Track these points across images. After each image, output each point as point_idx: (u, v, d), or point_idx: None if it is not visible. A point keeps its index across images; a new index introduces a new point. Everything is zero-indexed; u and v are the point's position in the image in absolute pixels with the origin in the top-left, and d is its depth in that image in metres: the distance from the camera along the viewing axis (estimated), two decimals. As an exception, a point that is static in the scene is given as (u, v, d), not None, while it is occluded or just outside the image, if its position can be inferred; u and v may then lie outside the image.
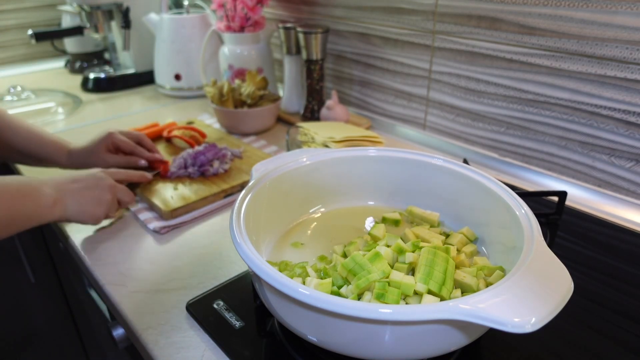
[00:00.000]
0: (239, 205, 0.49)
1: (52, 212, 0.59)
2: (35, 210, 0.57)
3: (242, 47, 1.09)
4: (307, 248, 0.56)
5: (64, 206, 0.60)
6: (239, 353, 0.47)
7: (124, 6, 1.28)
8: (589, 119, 0.73)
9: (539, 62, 0.76)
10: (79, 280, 0.89)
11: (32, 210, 0.57)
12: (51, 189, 0.60)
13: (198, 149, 0.83)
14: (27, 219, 0.56)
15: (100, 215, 0.64)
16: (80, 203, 0.62)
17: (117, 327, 0.60)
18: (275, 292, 0.41)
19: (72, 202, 0.61)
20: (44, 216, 0.58)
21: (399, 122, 1.03)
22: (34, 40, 1.22)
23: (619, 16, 0.65)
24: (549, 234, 0.65)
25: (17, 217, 0.55)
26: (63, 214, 0.60)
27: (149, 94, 1.32)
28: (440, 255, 0.44)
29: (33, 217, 0.57)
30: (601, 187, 0.75)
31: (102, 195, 0.64)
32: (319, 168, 0.61)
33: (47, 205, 0.58)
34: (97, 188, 0.64)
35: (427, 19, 0.89)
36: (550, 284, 0.36)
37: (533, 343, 0.47)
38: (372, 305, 0.35)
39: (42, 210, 0.58)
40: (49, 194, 0.59)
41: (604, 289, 0.55)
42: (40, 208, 0.57)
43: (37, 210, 0.57)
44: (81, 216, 0.62)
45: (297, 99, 1.11)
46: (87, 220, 0.63)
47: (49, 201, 0.58)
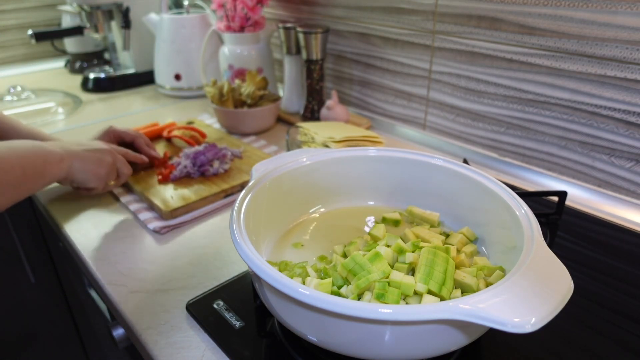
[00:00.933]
0: (239, 205, 0.49)
1: (61, 168, 0.63)
2: (44, 167, 0.60)
3: (242, 47, 1.09)
4: (307, 248, 0.56)
5: (70, 163, 0.64)
6: (239, 353, 0.47)
7: (124, 6, 1.28)
8: (589, 119, 0.73)
9: (539, 62, 0.76)
10: (79, 280, 0.89)
11: (41, 167, 0.60)
12: (57, 147, 0.63)
13: (198, 149, 0.83)
14: (38, 175, 0.59)
15: (102, 175, 0.68)
16: (84, 162, 0.66)
17: (117, 327, 0.60)
18: (275, 292, 0.41)
19: (76, 160, 0.65)
20: (53, 172, 0.62)
21: (399, 122, 1.03)
22: (34, 40, 1.22)
23: (619, 16, 0.66)
24: (549, 234, 0.65)
25: (29, 174, 0.58)
26: (69, 170, 0.64)
27: (149, 94, 1.32)
28: (440, 255, 0.44)
29: (44, 173, 0.60)
30: (601, 187, 0.75)
31: (103, 157, 0.69)
32: (319, 168, 0.61)
33: (55, 161, 0.62)
34: (99, 151, 0.69)
35: (427, 19, 0.89)
36: (551, 284, 0.36)
37: (533, 343, 0.47)
38: (372, 305, 0.35)
39: (51, 166, 0.61)
40: (55, 151, 0.62)
41: (604, 289, 0.55)
42: (49, 164, 0.61)
43: (45, 167, 0.60)
44: (85, 174, 0.66)
45: (297, 99, 1.11)
46: (90, 179, 0.67)
47: (56, 157, 0.62)
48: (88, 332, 1.12)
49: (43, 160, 0.60)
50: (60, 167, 0.63)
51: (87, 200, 0.78)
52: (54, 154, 0.62)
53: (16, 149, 0.57)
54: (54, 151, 0.62)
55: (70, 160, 0.64)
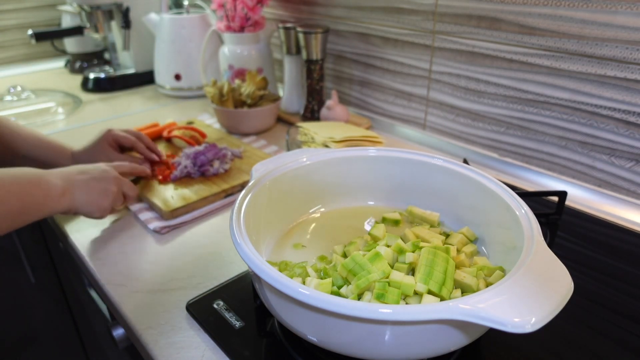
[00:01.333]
0: (239, 205, 0.49)
1: (61, 202, 0.60)
2: (44, 200, 0.58)
3: (242, 47, 1.09)
4: (307, 248, 0.56)
5: (72, 196, 0.61)
6: (239, 353, 0.47)
7: (124, 6, 1.28)
8: (589, 119, 0.73)
9: (539, 62, 0.76)
10: (79, 280, 0.89)
11: (41, 200, 0.57)
12: (59, 179, 0.60)
13: (198, 149, 0.83)
14: (37, 209, 0.57)
15: (106, 207, 0.65)
16: (88, 194, 0.63)
17: (117, 327, 0.60)
18: (275, 292, 0.41)
19: (79, 192, 0.62)
20: (54, 206, 0.59)
21: (399, 122, 1.03)
22: (33, 40, 1.22)
23: (619, 16, 0.65)
24: (549, 234, 0.65)
25: (28, 206, 0.56)
26: (71, 204, 0.61)
27: (149, 94, 1.32)
28: (440, 256, 0.44)
29: (43, 207, 0.58)
30: (601, 187, 0.75)
31: (108, 186, 0.65)
32: (319, 168, 0.61)
33: (56, 195, 0.59)
34: (103, 180, 0.65)
35: (427, 19, 0.89)
36: (551, 284, 0.36)
37: (533, 343, 0.47)
38: (372, 305, 0.35)
39: (52, 200, 0.59)
40: (57, 184, 0.60)
41: (604, 289, 0.55)
42: (50, 198, 0.58)
43: (46, 200, 0.58)
44: (88, 207, 0.63)
45: (297, 99, 1.11)
46: (94, 211, 0.64)
47: (58, 191, 0.59)
48: (88, 332, 1.12)
49: (44, 194, 0.58)
50: (61, 201, 0.60)
51: (87, 200, 0.78)
52: (56, 188, 0.59)
53: (16, 178, 0.55)
54: (56, 184, 0.59)
55: (73, 193, 0.61)
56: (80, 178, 0.63)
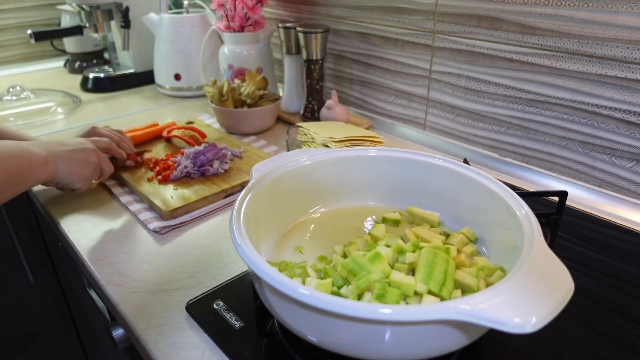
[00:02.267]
0: (239, 205, 0.49)
1: (45, 171, 0.61)
2: (29, 170, 0.59)
3: (242, 47, 1.09)
4: (307, 248, 0.56)
5: (55, 165, 0.63)
6: (239, 353, 0.47)
7: (124, 6, 1.27)
8: (589, 118, 0.73)
9: (540, 61, 0.76)
10: (78, 280, 0.89)
11: (26, 170, 0.58)
12: (41, 149, 0.61)
13: (198, 149, 0.83)
14: (22, 179, 0.58)
15: (87, 177, 0.67)
16: (69, 163, 0.64)
17: (116, 327, 0.60)
18: (275, 292, 0.40)
19: (61, 162, 0.63)
20: (38, 175, 0.60)
21: (399, 122, 1.03)
22: (33, 40, 1.22)
23: (620, 16, 0.65)
24: (550, 234, 0.65)
25: (14, 176, 0.56)
26: (54, 173, 0.63)
27: (149, 94, 1.32)
28: (440, 256, 0.44)
29: (28, 177, 0.59)
30: (602, 187, 0.75)
31: (88, 157, 0.67)
32: (319, 168, 0.61)
33: (39, 164, 0.60)
34: (84, 151, 0.67)
35: (428, 18, 0.89)
36: (551, 284, 0.36)
37: (533, 343, 0.47)
38: (372, 305, 0.35)
39: (36, 169, 0.60)
40: (40, 153, 0.61)
41: (604, 289, 0.55)
42: (34, 167, 0.59)
43: (30, 170, 0.59)
44: (70, 177, 0.65)
45: (297, 99, 1.11)
46: (75, 181, 0.66)
47: (41, 160, 0.60)
48: (88, 332, 1.12)
49: (28, 164, 0.58)
50: (45, 170, 0.61)
51: (86, 200, 0.78)
52: (38, 157, 0.60)
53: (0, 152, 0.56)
54: (38, 154, 0.60)
55: (55, 162, 0.63)
56: (61, 149, 0.64)
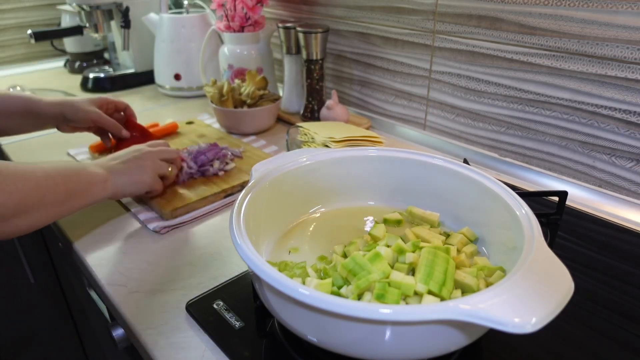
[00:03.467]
0: (239, 205, 0.49)
1: (106, 188, 0.62)
2: (89, 187, 0.59)
3: (242, 47, 1.09)
4: (307, 248, 0.56)
5: (114, 181, 0.64)
6: (239, 353, 0.47)
7: (124, 6, 1.27)
8: (589, 118, 0.73)
9: (540, 61, 0.76)
10: (78, 281, 0.89)
11: (87, 187, 0.59)
12: (99, 168, 0.63)
13: (201, 148, 0.83)
14: (83, 194, 0.58)
15: (148, 181, 0.68)
16: (127, 174, 0.65)
17: (116, 327, 0.60)
18: (275, 292, 0.40)
19: (119, 176, 0.64)
20: (98, 193, 0.61)
21: (399, 122, 1.03)
22: (33, 40, 1.22)
23: (620, 16, 0.65)
24: (550, 234, 0.65)
25: (73, 193, 0.57)
26: (115, 188, 0.64)
27: (149, 94, 1.32)
28: (440, 256, 0.44)
29: (89, 193, 0.59)
30: (602, 187, 0.75)
31: (143, 162, 0.68)
32: (319, 168, 0.61)
33: (100, 181, 0.61)
34: (136, 158, 0.68)
35: (428, 18, 0.89)
36: (551, 284, 0.36)
37: (533, 343, 0.47)
38: (372, 305, 0.35)
39: (96, 186, 0.60)
40: (98, 172, 0.62)
41: (604, 289, 0.55)
42: (94, 185, 0.60)
43: (91, 187, 0.60)
44: (133, 186, 0.66)
45: (297, 99, 1.11)
46: (140, 188, 0.67)
47: (101, 178, 0.61)
48: (88, 332, 1.12)
49: (88, 181, 0.59)
50: (105, 187, 0.62)
51: (86, 200, 0.78)
52: (99, 175, 0.61)
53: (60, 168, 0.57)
54: (98, 172, 0.61)
55: (114, 179, 0.63)
56: (115, 163, 0.66)
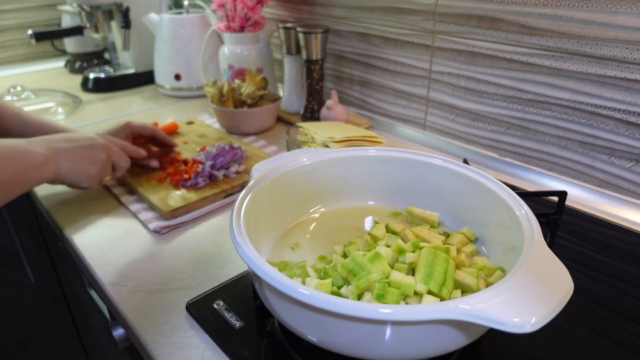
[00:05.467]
0: (239, 205, 0.49)
1: (45, 171, 0.57)
2: (26, 171, 0.55)
3: (242, 47, 1.09)
4: (307, 248, 0.56)
5: (57, 164, 0.59)
6: (239, 353, 0.47)
7: (124, 6, 1.28)
8: (589, 119, 0.73)
9: (539, 62, 0.76)
10: (78, 280, 0.89)
11: (23, 172, 0.54)
12: (42, 148, 0.58)
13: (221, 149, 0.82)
14: (19, 182, 0.54)
15: (94, 175, 0.63)
16: (74, 161, 0.60)
17: (117, 327, 0.60)
18: (275, 292, 0.41)
19: (65, 160, 0.59)
20: (37, 176, 0.56)
21: (399, 122, 1.03)
22: (33, 40, 1.22)
23: (619, 16, 0.65)
24: (549, 234, 0.65)
25: (8, 180, 0.53)
26: (56, 172, 0.59)
27: (149, 94, 1.32)
28: (440, 256, 0.44)
29: (26, 179, 0.55)
30: (601, 187, 0.75)
31: (95, 154, 0.63)
32: (319, 168, 0.61)
33: (38, 164, 0.56)
34: (91, 148, 0.63)
35: (427, 18, 0.89)
36: (551, 284, 0.36)
37: (533, 343, 0.47)
38: (372, 305, 0.35)
39: (34, 170, 0.56)
40: (39, 152, 0.57)
41: (604, 289, 0.55)
42: (32, 168, 0.55)
43: (28, 171, 0.55)
44: (75, 175, 0.61)
45: (297, 99, 1.11)
46: (81, 180, 0.62)
47: (40, 160, 0.56)
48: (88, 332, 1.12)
49: (24, 165, 0.54)
50: (45, 170, 0.57)
51: (87, 200, 0.78)
52: (37, 156, 0.56)
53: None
54: (37, 152, 0.56)
55: (57, 161, 0.59)
56: (66, 146, 0.60)
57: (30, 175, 0.56)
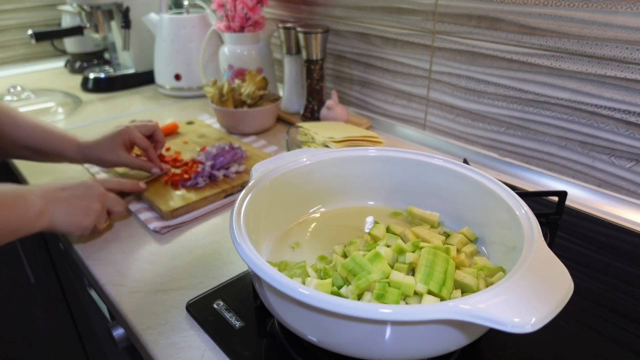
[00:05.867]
0: (239, 205, 0.49)
1: (38, 223, 0.56)
2: (20, 221, 0.54)
3: (242, 47, 1.09)
4: (307, 248, 0.56)
5: (51, 216, 0.58)
6: (239, 353, 0.47)
7: (124, 6, 1.28)
8: (589, 119, 0.73)
9: (539, 62, 0.76)
10: (79, 281, 0.89)
11: (17, 222, 0.54)
12: (38, 197, 0.57)
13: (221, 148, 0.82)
14: (12, 231, 0.53)
15: (87, 226, 0.62)
16: (68, 213, 0.60)
17: (117, 327, 0.60)
18: (275, 292, 0.41)
19: (59, 211, 0.59)
20: (30, 227, 0.56)
21: (399, 122, 1.03)
22: (33, 40, 1.22)
23: (619, 16, 0.65)
24: (549, 234, 0.65)
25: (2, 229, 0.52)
26: (50, 224, 0.58)
27: (149, 94, 1.32)
28: (440, 256, 0.44)
29: (18, 230, 0.54)
30: (601, 187, 0.75)
31: (90, 204, 0.62)
32: (319, 168, 0.61)
33: (34, 215, 0.56)
34: (86, 197, 0.62)
35: (427, 18, 0.89)
36: (551, 284, 0.36)
37: (533, 343, 0.47)
38: (372, 305, 0.35)
39: (28, 221, 0.55)
40: (35, 202, 0.56)
41: (604, 289, 0.55)
42: (26, 219, 0.55)
43: (22, 222, 0.54)
44: (68, 226, 0.60)
45: (297, 99, 1.11)
46: (73, 230, 0.61)
47: (35, 211, 0.56)
48: (88, 332, 1.12)
49: (20, 216, 0.54)
50: (38, 222, 0.56)
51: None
52: (34, 207, 0.55)
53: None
54: (34, 203, 0.55)
55: (52, 213, 0.58)
56: (61, 195, 0.60)
57: (23, 226, 0.55)
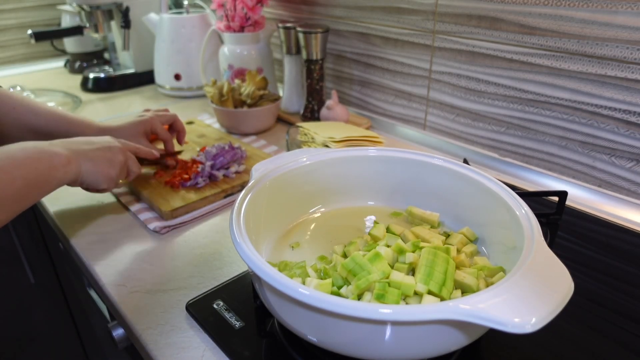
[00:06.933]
0: (239, 205, 0.49)
1: (68, 172, 0.57)
2: (50, 172, 0.55)
3: (242, 47, 1.09)
4: (307, 248, 0.56)
5: (78, 165, 0.59)
6: (239, 353, 0.47)
7: (124, 6, 1.28)
8: (589, 118, 0.73)
9: (539, 62, 0.76)
10: (78, 281, 0.89)
11: (46, 173, 0.55)
12: (63, 149, 0.58)
13: (221, 149, 0.82)
14: (43, 183, 0.55)
15: (113, 176, 0.64)
16: (95, 163, 0.61)
17: (117, 327, 0.60)
18: (275, 292, 0.40)
19: (85, 161, 0.60)
20: (60, 177, 0.57)
21: (399, 122, 1.03)
22: (33, 40, 1.22)
23: (620, 16, 0.65)
24: (549, 234, 0.65)
25: (33, 183, 0.53)
26: (77, 173, 0.59)
27: (149, 94, 1.32)
28: (440, 256, 0.44)
29: (50, 180, 0.55)
30: (601, 187, 0.75)
31: (115, 156, 0.64)
32: (319, 168, 0.61)
33: (61, 164, 0.57)
34: (109, 150, 0.64)
35: (427, 18, 0.89)
36: (551, 284, 0.36)
37: (533, 343, 0.47)
38: (372, 305, 0.35)
39: (57, 171, 0.56)
40: (61, 153, 0.57)
41: (604, 289, 0.55)
42: (55, 169, 0.56)
43: (52, 172, 0.55)
44: (95, 176, 0.62)
45: (297, 99, 1.11)
46: (101, 181, 0.62)
47: (62, 160, 0.57)
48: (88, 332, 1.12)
49: (48, 166, 0.55)
50: (67, 170, 0.57)
51: (87, 201, 0.78)
52: (60, 157, 0.56)
53: (16, 157, 0.52)
54: (60, 153, 0.57)
55: (79, 161, 0.59)
56: (86, 147, 0.61)
57: (54, 176, 0.56)
